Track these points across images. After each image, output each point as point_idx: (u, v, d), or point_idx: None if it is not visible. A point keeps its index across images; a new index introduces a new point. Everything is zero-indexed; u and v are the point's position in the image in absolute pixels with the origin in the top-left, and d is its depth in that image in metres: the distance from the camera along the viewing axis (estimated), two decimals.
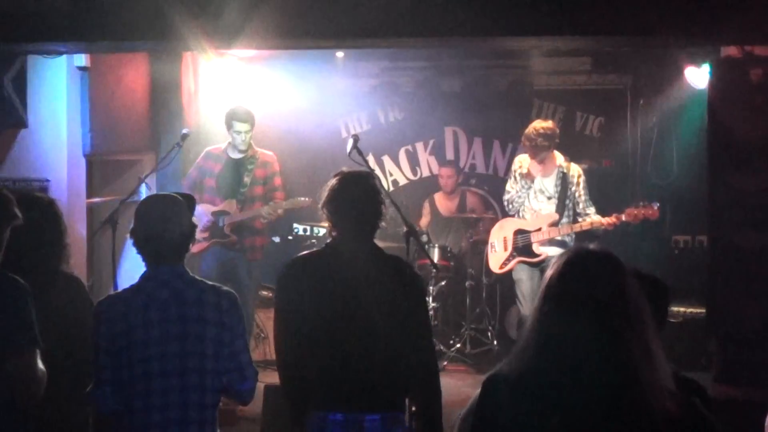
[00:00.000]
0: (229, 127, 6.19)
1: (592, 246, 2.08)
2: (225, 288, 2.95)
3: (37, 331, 2.66)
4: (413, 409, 3.21)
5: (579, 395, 1.87)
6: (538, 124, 6.21)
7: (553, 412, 1.87)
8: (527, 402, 1.90)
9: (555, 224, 6.13)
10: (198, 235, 6.11)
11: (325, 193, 3.17)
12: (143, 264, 2.90)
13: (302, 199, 6.26)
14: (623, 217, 6.00)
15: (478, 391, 2.04)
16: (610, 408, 1.86)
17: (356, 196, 3.13)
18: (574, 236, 6.17)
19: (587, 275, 1.95)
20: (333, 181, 3.18)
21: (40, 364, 2.67)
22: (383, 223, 3.21)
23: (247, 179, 6.18)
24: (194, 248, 6.13)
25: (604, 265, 1.97)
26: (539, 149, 6.11)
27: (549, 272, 2.01)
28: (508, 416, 1.93)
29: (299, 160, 8.23)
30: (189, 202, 3.04)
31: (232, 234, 6.16)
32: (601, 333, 1.89)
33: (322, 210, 3.17)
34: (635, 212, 5.97)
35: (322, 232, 7.38)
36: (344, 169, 3.26)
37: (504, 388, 1.96)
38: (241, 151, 6.22)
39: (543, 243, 6.14)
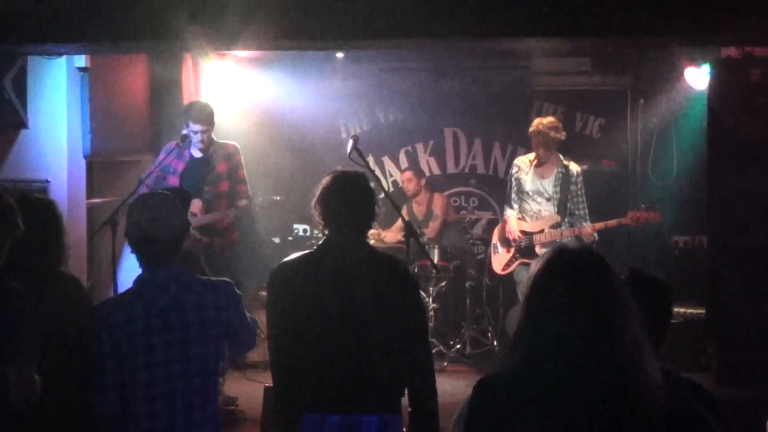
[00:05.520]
0: (186, 125, 5.88)
1: (572, 245, 2.09)
2: (221, 282, 2.96)
3: (35, 337, 2.65)
4: (409, 409, 3.20)
5: (571, 394, 1.86)
6: (545, 119, 6.23)
7: (546, 413, 1.87)
8: (520, 403, 1.90)
9: (557, 226, 6.11)
10: None
11: (317, 192, 3.14)
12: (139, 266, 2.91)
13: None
14: (624, 221, 5.98)
15: (470, 393, 2.03)
16: (604, 404, 1.86)
17: (349, 195, 3.10)
18: (574, 238, 6.16)
19: (572, 273, 1.95)
20: (326, 180, 3.15)
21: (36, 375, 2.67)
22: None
23: (211, 177, 5.90)
24: None
25: (587, 262, 1.97)
26: (551, 143, 6.09)
27: (532, 273, 2.01)
28: (500, 419, 1.92)
29: (299, 160, 8.23)
30: (183, 196, 3.02)
31: (202, 237, 5.77)
32: (590, 329, 1.89)
33: (314, 208, 3.14)
34: (637, 215, 5.93)
35: None
36: (338, 168, 3.23)
37: (496, 392, 1.95)
38: (201, 150, 5.94)
39: (545, 245, 6.12)
